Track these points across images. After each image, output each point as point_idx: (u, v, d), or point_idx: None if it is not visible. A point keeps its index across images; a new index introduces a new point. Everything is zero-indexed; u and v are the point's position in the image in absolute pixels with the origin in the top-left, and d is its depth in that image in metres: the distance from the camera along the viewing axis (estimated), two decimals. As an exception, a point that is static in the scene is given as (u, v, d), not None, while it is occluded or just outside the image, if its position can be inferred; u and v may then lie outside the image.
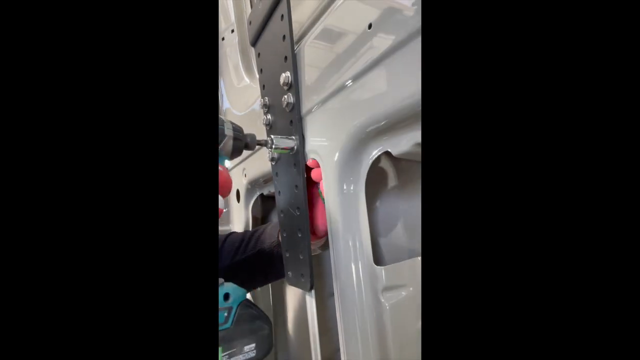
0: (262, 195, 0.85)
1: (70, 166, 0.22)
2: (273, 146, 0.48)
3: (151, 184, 0.23)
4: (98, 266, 0.22)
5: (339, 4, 0.43)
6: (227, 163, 0.48)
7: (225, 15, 0.95)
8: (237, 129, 0.47)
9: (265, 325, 0.44)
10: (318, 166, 0.49)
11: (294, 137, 0.51)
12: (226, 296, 0.41)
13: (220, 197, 0.42)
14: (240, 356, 0.44)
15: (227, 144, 0.44)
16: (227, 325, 0.41)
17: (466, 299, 0.20)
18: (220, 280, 0.43)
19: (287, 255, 0.57)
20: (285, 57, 0.51)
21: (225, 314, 0.41)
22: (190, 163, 0.24)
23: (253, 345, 0.44)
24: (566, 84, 0.19)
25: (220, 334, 0.39)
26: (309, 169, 0.50)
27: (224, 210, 0.99)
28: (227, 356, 0.39)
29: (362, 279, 0.44)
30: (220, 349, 0.38)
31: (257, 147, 0.51)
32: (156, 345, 0.22)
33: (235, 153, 0.46)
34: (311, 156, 0.50)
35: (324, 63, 0.45)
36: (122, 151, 0.22)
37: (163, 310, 0.23)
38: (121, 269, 0.22)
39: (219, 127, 0.43)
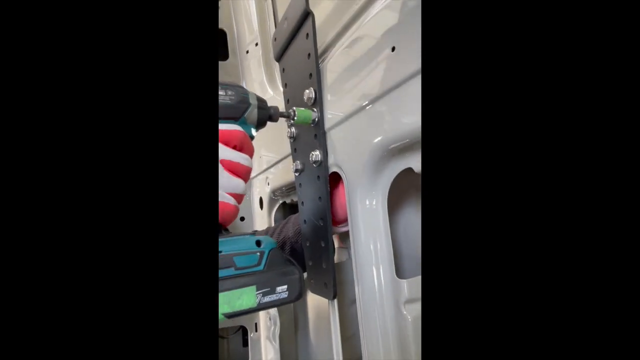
0: (284, 203, 0.86)
1: (64, 161, 0.22)
2: (295, 117, 0.50)
3: (150, 179, 0.24)
4: (95, 259, 0.22)
5: (364, 21, 0.45)
6: (255, 139, 0.51)
7: (250, 27, 0.98)
8: (260, 100, 0.48)
9: (296, 270, 0.45)
10: (340, 179, 0.50)
11: (315, 109, 0.52)
12: (258, 243, 0.43)
13: (242, 182, 0.44)
14: (274, 295, 0.45)
15: (252, 112, 0.46)
16: (260, 267, 0.43)
17: (466, 305, 0.21)
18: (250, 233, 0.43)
19: (310, 263, 0.58)
20: (310, 74, 0.53)
21: (258, 257, 0.42)
22: (189, 159, 0.24)
23: (285, 287, 0.45)
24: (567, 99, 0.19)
25: (255, 276, 0.41)
26: (331, 182, 0.52)
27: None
28: (261, 294, 0.41)
29: (384, 290, 0.45)
30: (253, 287, 0.40)
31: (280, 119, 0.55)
32: (155, 341, 0.22)
33: (260, 124, 0.47)
34: (334, 170, 0.51)
35: (348, 81, 0.47)
36: (120, 146, 0.23)
37: (162, 307, 0.23)
38: (118, 259, 0.22)
39: (243, 95, 0.45)
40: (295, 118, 0.51)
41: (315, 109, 0.52)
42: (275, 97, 0.85)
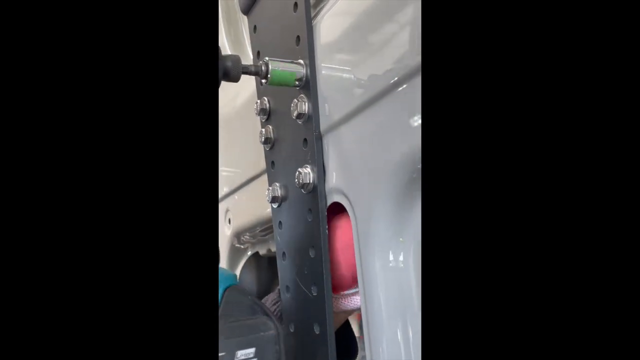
0: (255, 256, 0.68)
1: (60, 157, 0.25)
2: (269, 75, 0.38)
3: (148, 175, 0.26)
4: (89, 257, 0.25)
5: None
6: None
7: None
8: None
9: (270, 324, 0.34)
10: (344, 214, 0.40)
11: (302, 62, 0.41)
12: None
13: None
14: None
15: None
16: None
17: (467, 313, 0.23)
18: None
19: (292, 329, 0.44)
20: (298, 38, 0.42)
21: None
22: (188, 155, 0.27)
23: (252, 351, 0.32)
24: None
25: None
26: (329, 219, 0.42)
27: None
28: None
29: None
30: None
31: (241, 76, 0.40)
32: (152, 341, 0.25)
33: None
34: (335, 199, 0.40)
35: (360, 46, 0.37)
36: (117, 142, 0.26)
37: (158, 305, 0.25)
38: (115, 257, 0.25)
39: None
40: (270, 76, 0.38)
41: (302, 70, 0.41)
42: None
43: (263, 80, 0.38)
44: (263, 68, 0.38)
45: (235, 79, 0.37)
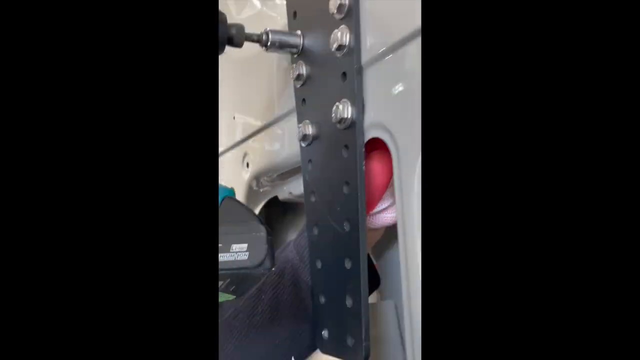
0: (274, 201, 0.65)
1: (59, 152, 0.25)
2: (269, 42, 0.42)
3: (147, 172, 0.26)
4: (89, 250, 0.25)
5: None
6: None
7: None
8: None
9: (261, 227, 0.38)
10: (385, 151, 0.39)
11: (299, 34, 0.44)
12: None
13: None
14: (227, 255, 0.36)
15: None
16: None
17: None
18: None
19: (323, 300, 0.44)
20: None
21: None
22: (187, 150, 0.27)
23: (245, 245, 0.37)
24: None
25: None
26: (367, 156, 0.41)
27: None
28: None
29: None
30: None
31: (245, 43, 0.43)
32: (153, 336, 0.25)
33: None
34: (374, 134, 0.39)
35: None
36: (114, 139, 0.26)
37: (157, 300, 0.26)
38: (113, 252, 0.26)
39: None
40: (269, 43, 0.42)
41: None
42: (265, 12, 0.63)
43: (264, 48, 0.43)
44: (264, 37, 0.42)
45: (238, 45, 0.42)
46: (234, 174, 0.69)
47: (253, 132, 0.62)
